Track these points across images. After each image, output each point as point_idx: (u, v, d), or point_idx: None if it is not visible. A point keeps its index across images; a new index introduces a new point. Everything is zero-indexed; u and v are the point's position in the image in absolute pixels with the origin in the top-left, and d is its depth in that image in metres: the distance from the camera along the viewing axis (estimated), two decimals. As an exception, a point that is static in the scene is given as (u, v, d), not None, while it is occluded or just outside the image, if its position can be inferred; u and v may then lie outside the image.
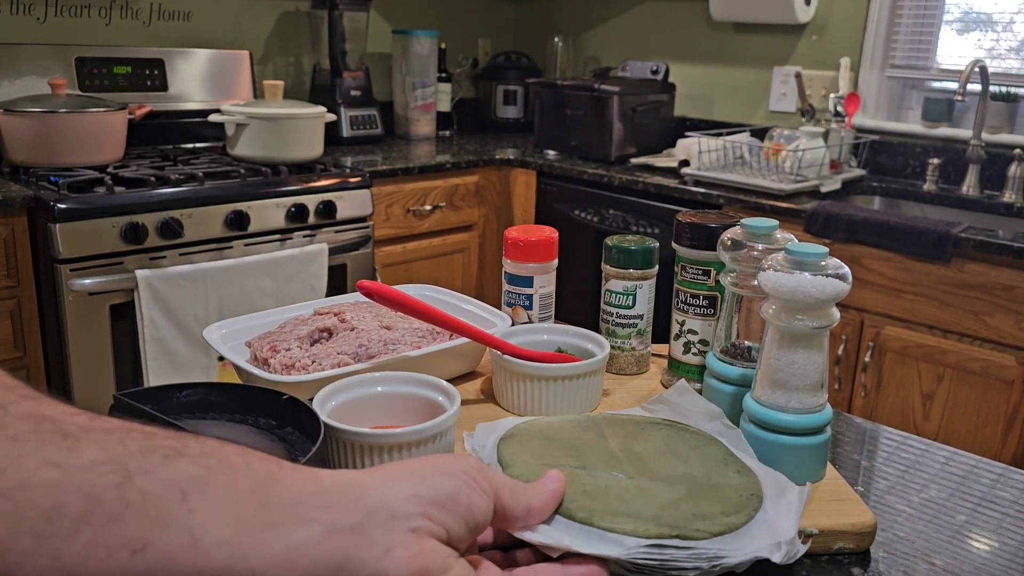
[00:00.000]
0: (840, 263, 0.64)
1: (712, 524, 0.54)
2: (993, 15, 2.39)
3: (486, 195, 2.70)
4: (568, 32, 3.30)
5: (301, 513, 0.38)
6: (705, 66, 2.93)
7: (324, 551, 0.38)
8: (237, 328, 0.82)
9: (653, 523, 0.54)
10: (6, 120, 2.01)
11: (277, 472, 0.39)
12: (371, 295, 0.74)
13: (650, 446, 0.66)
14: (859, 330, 2.02)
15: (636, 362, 0.88)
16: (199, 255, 1.98)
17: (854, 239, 1.98)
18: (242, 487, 0.37)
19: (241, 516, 0.36)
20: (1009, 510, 0.69)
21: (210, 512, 0.36)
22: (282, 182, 2.12)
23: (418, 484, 0.42)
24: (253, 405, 0.65)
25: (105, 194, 1.87)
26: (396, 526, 0.40)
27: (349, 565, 0.38)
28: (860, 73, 2.58)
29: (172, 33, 2.54)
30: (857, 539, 0.62)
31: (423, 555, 0.40)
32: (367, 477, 0.42)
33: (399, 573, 0.39)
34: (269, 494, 0.38)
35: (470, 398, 0.81)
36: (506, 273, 0.89)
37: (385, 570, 0.38)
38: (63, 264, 1.80)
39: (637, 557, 0.51)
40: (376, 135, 2.81)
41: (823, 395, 0.67)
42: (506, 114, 3.27)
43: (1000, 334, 1.83)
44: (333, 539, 0.38)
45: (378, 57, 3.01)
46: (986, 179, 2.32)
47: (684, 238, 0.80)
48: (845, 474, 0.73)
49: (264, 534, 0.37)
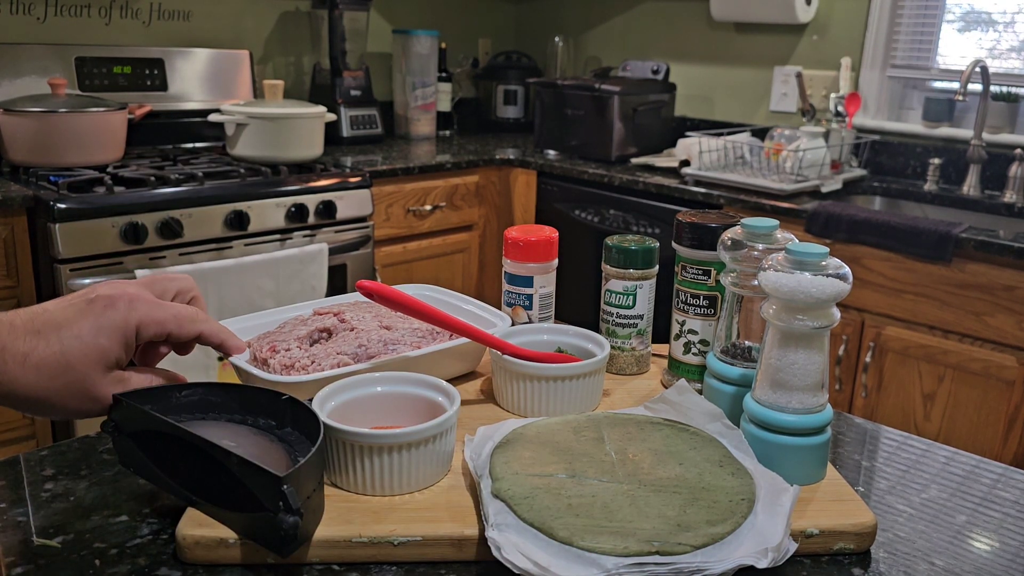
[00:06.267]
0: (840, 263, 0.64)
1: (695, 536, 0.55)
2: (994, 15, 2.39)
3: (486, 195, 2.70)
4: (568, 32, 3.30)
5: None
6: (706, 66, 2.92)
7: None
8: (237, 328, 0.82)
9: (634, 539, 0.54)
10: (6, 120, 2.01)
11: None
12: (371, 295, 0.74)
13: (648, 446, 0.66)
14: (860, 330, 2.02)
15: (636, 362, 0.88)
16: (199, 255, 1.98)
17: (855, 239, 1.98)
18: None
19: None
20: (1010, 510, 0.69)
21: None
22: (282, 182, 2.12)
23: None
24: (253, 405, 0.65)
25: (105, 194, 1.87)
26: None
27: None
28: (861, 73, 2.58)
29: (172, 33, 2.54)
30: (858, 539, 0.62)
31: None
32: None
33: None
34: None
35: (470, 398, 0.81)
36: (506, 273, 0.89)
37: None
38: (63, 264, 1.80)
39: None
40: (376, 135, 2.81)
41: (823, 395, 0.67)
42: (506, 114, 3.27)
43: (1001, 334, 1.83)
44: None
45: (378, 57, 3.01)
46: (987, 179, 2.32)
47: (684, 238, 0.80)
48: (846, 474, 0.73)
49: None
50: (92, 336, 0.59)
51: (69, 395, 0.59)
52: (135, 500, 0.65)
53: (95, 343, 0.59)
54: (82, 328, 0.58)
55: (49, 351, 0.57)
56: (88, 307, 0.59)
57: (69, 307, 0.60)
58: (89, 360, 0.59)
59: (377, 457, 0.62)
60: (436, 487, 0.65)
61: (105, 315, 0.59)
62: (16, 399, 0.58)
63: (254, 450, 0.59)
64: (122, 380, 0.61)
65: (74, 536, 0.61)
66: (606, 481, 0.61)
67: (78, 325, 0.59)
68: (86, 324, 0.59)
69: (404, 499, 0.63)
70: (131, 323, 0.60)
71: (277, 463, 0.58)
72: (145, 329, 0.61)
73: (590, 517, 0.56)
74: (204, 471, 0.59)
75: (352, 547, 0.58)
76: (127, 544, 0.60)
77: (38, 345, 0.57)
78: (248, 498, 0.55)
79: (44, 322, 0.58)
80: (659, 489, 0.60)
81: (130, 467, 0.64)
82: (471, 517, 0.61)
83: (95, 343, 0.59)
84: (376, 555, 0.59)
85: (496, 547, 0.54)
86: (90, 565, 0.58)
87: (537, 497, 0.58)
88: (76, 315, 0.59)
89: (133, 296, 0.61)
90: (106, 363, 0.60)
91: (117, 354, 0.60)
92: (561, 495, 0.59)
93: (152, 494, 0.66)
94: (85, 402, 0.60)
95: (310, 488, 0.56)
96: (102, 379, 0.60)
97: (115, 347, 0.60)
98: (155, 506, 0.65)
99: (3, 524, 0.62)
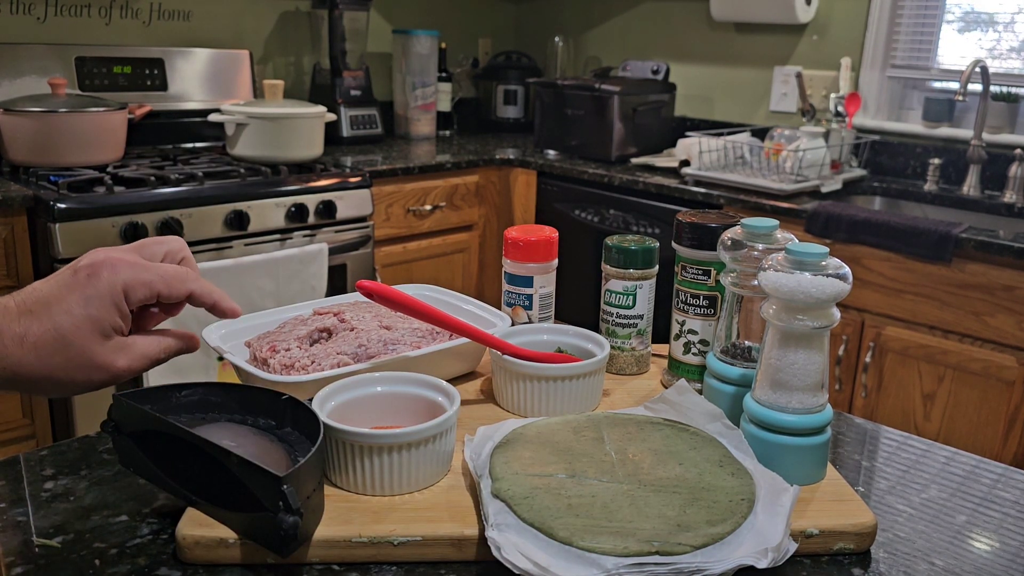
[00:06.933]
0: (840, 263, 0.64)
1: (695, 536, 0.55)
2: (994, 15, 2.39)
3: (486, 195, 2.70)
4: (568, 32, 3.30)
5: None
6: (706, 66, 2.92)
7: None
8: (237, 328, 0.82)
9: (634, 539, 0.54)
10: (6, 120, 2.01)
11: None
12: (371, 295, 0.74)
13: (648, 446, 0.66)
14: (860, 330, 2.02)
15: (636, 362, 0.88)
16: (199, 255, 1.98)
17: (855, 239, 1.98)
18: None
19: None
20: (1010, 510, 0.69)
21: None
22: (282, 182, 2.12)
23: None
24: (252, 405, 0.65)
25: (105, 194, 1.87)
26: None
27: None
28: (861, 73, 2.58)
29: (172, 33, 2.54)
30: (858, 539, 0.62)
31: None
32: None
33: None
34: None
35: (470, 398, 0.81)
36: (506, 273, 0.89)
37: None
38: (63, 264, 1.80)
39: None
40: (376, 135, 2.81)
41: (823, 395, 0.67)
42: (506, 114, 3.26)
43: (1001, 335, 1.83)
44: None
45: (378, 57, 3.01)
46: (987, 179, 2.32)
47: (684, 238, 0.80)
48: (846, 474, 0.73)
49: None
50: (81, 308, 0.59)
51: (74, 368, 0.59)
52: (135, 500, 0.65)
53: (85, 314, 0.59)
54: (70, 302, 0.59)
55: (43, 329, 0.58)
56: (73, 279, 0.60)
57: (56, 283, 0.60)
58: (83, 332, 0.59)
59: (377, 457, 0.62)
60: (436, 487, 0.65)
61: (90, 284, 0.59)
62: (22, 381, 0.58)
63: (254, 450, 0.59)
64: (125, 345, 0.61)
65: (74, 536, 0.61)
66: (606, 481, 0.61)
67: (66, 299, 0.59)
68: (73, 297, 0.59)
69: (404, 499, 0.63)
70: (117, 287, 0.60)
71: (277, 463, 0.58)
72: (133, 292, 0.60)
73: (590, 517, 0.56)
74: (204, 471, 0.59)
75: (352, 547, 0.58)
76: (127, 544, 0.60)
77: (32, 325, 0.57)
78: (248, 498, 0.55)
79: (35, 301, 0.59)
80: (659, 489, 0.60)
81: (130, 467, 0.64)
82: (471, 517, 0.61)
83: (85, 314, 0.59)
84: (376, 555, 0.59)
85: (496, 547, 0.54)
86: (90, 565, 0.58)
87: (537, 497, 0.58)
88: (63, 289, 0.59)
89: (116, 260, 0.61)
90: (102, 331, 0.59)
91: (111, 321, 0.60)
92: (561, 495, 0.59)
93: (152, 494, 0.66)
94: (93, 372, 0.60)
95: (310, 488, 0.56)
96: (101, 348, 0.59)
97: (106, 314, 0.59)
98: (155, 506, 0.65)
99: (3, 524, 0.62)
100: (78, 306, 0.59)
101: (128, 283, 0.60)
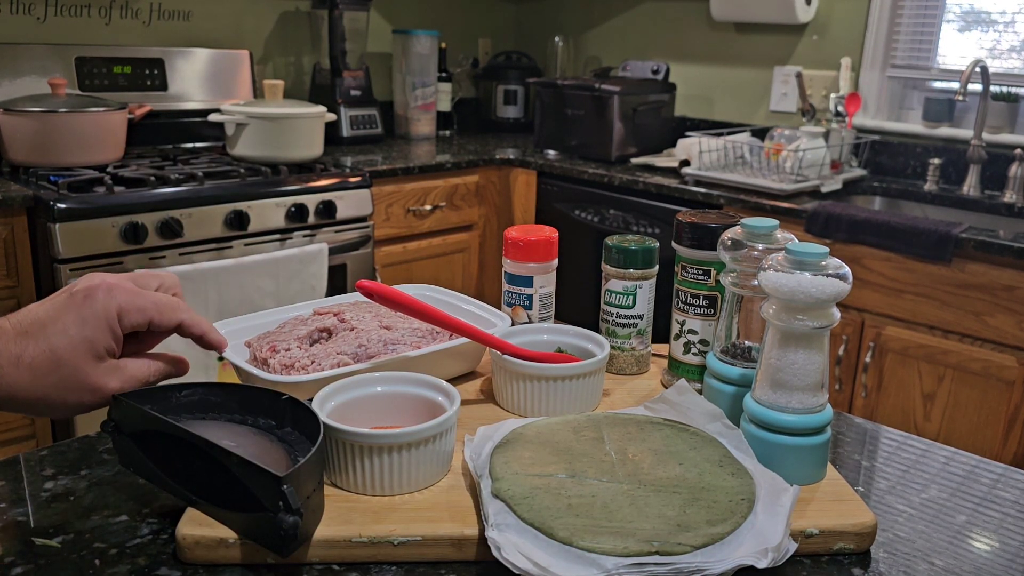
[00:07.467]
0: (840, 263, 0.64)
1: (695, 536, 0.55)
2: (994, 14, 2.39)
3: (486, 195, 2.70)
4: (568, 32, 3.30)
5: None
6: (706, 66, 2.92)
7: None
8: (237, 328, 0.82)
9: (634, 539, 0.54)
10: (6, 120, 2.01)
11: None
12: (371, 295, 0.74)
13: (648, 446, 0.66)
14: (860, 330, 2.02)
15: (636, 362, 0.88)
16: (199, 255, 1.98)
17: (855, 239, 1.98)
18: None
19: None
20: (1010, 510, 0.69)
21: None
22: (282, 182, 2.12)
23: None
24: (252, 405, 0.65)
25: (105, 194, 1.87)
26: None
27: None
28: (861, 73, 2.58)
29: (172, 33, 2.54)
30: (858, 539, 0.62)
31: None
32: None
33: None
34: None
35: (470, 398, 0.81)
36: (506, 273, 0.89)
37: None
38: (63, 264, 1.80)
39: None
40: (376, 135, 2.81)
41: (823, 395, 0.67)
42: (506, 114, 3.26)
43: (1001, 335, 1.83)
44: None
45: (378, 57, 3.01)
46: (987, 179, 2.32)
47: (684, 238, 0.80)
48: (846, 474, 0.73)
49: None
50: (77, 329, 0.60)
51: (66, 390, 0.60)
52: (135, 500, 0.65)
53: (81, 335, 0.60)
54: (66, 323, 0.60)
55: (39, 350, 0.59)
56: (69, 301, 0.61)
57: (52, 305, 0.61)
58: (78, 353, 0.60)
59: (377, 457, 0.62)
60: (436, 487, 0.65)
61: (86, 306, 0.60)
62: (17, 402, 0.59)
63: (254, 450, 0.59)
64: (117, 368, 0.62)
65: (74, 536, 0.61)
66: (606, 481, 0.61)
67: (62, 320, 0.60)
68: (69, 318, 0.60)
69: (404, 499, 0.63)
70: (112, 310, 0.61)
71: (277, 463, 0.58)
72: (126, 316, 0.62)
73: (590, 517, 0.56)
74: (204, 471, 0.59)
75: (352, 547, 0.58)
76: (127, 544, 0.60)
77: (28, 346, 0.59)
78: (248, 498, 0.55)
79: (31, 322, 0.60)
80: (659, 489, 0.60)
81: (130, 467, 0.64)
82: (471, 517, 0.61)
83: (81, 335, 0.60)
84: (376, 555, 0.59)
85: (496, 547, 0.54)
86: (90, 565, 0.58)
87: (537, 497, 0.58)
88: (59, 311, 0.60)
89: (112, 285, 0.62)
90: (95, 353, 0.61)
91: (105, 343, 0.61)
92: (561, 495, 0.59)
93: (152, 494, 0.66)
94: (84, 394, 0.61)
95: (310, 488, 0.56)
96: (95, 369, 0.61)
97: (101, 336, 0.61)
98: (155, 506, 0.64)
99: (3, 524, 0.62)
100: (74, 326, 0.60)
101: (123, 307, 0.62)
